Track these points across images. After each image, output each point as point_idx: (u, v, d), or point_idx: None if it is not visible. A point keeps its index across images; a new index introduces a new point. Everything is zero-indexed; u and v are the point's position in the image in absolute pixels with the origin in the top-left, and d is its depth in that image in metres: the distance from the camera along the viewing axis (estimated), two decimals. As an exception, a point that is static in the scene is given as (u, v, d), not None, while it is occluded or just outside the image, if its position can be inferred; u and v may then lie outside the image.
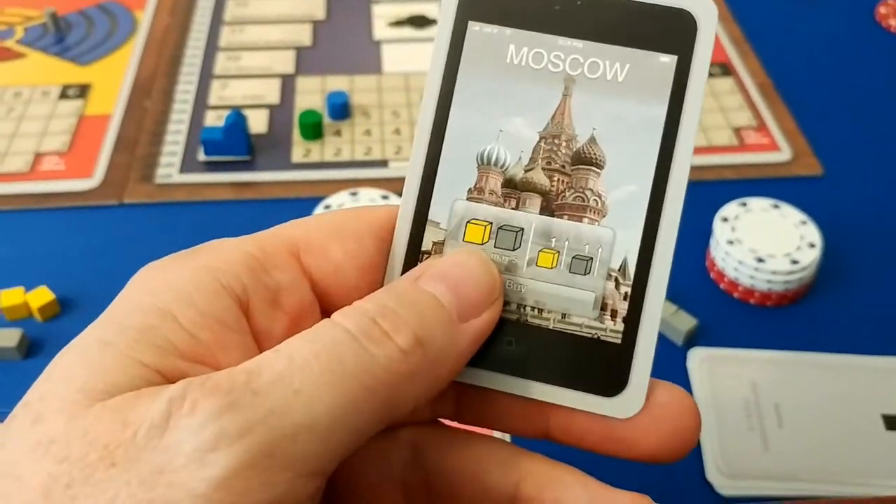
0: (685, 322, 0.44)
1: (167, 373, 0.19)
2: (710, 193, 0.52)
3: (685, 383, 0.42)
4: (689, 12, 0.21)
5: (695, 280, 0.48)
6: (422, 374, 0.19)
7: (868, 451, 0.39)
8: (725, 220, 0.48)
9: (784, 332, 0.45)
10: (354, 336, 0.19)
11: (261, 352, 0.20)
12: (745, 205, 0.49)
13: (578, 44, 0.21)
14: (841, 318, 0.46)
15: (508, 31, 0.22)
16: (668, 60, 0.21)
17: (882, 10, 0.69)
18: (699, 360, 0.43)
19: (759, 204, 0.49)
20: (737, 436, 0.40)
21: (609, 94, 0.21)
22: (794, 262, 0.46)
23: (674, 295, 0.46)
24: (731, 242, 0.47)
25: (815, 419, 0.41)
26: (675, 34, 0.21)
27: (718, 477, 0.38)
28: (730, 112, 0.58)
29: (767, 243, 0.47)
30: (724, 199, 0.50)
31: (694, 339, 0.44)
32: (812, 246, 0.47)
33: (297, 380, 0.18)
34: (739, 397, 0.41)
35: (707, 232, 0.48)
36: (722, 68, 0.62)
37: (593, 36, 0.21)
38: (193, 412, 0.17)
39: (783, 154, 0.55)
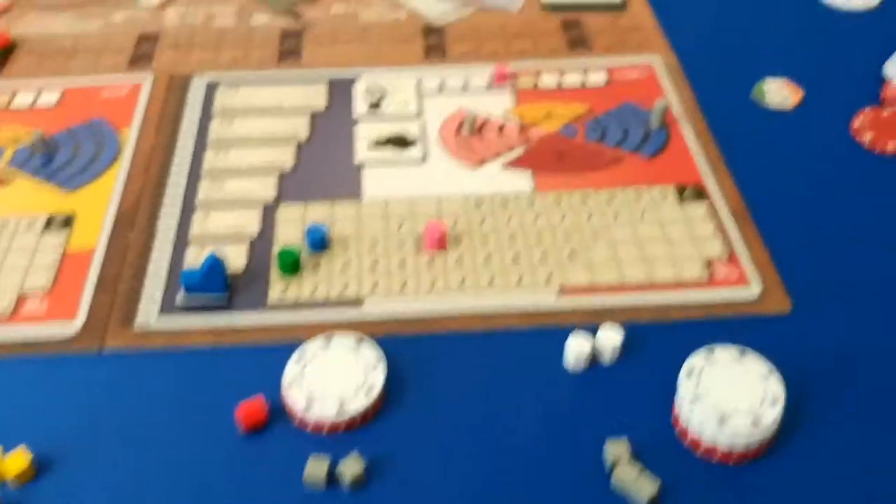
0: (647, 488, 0.45)
1: None
2: (677, 337, 0.53)
3: (645, 555, 0.43)
4: None
5: (661, 435, 0.48)
6: None
7: None
8: (690, 374, 0.49)
9: (746, 491, 0.46)
10: None
11: None
12: (711, 352, 0.50)
13: None
14: (802, 473, 0.47)
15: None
16: None
17: (857, 123, 0.70)
18: (660, 528, 0.44)
19: (724, 354, 0.50)
20: None
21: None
22: (756, 421, 0.46)
23: (640, 450, 0.47)
24: (695, 399, 0.48)
25: None
26: None
27: None
28: (702, 241, 0.59)
29: (731, 397, 0.48)
30: (692, 343, 0.51)
31: (658, 502, 0.45)
32: (775, 402, 0.47)
33: None
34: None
35: (674, 383, 0.49)
36: (696, 192, 0.63)
37: None
38: None
39: (753, 289, 0.56)
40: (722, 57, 0.77)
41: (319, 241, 0.58)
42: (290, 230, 0.60)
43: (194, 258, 0.58)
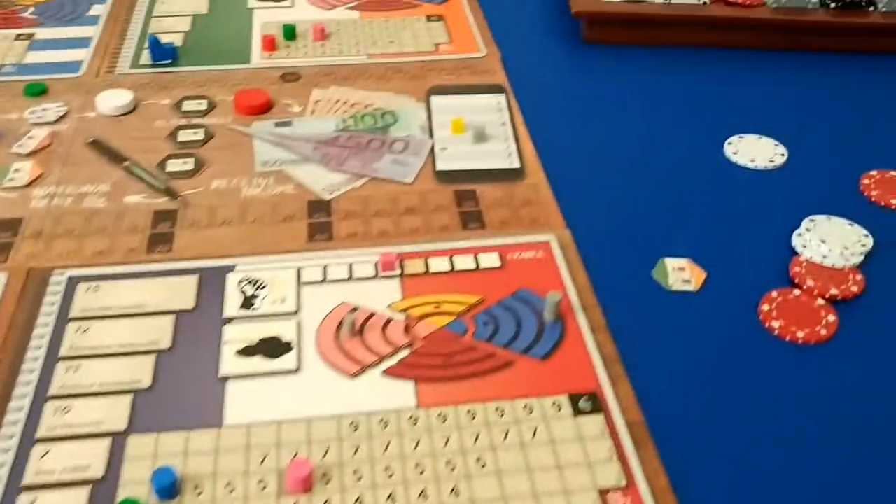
0: None
1: None
2: None
3: None
4: None
5: None
6: None
7: None
8: None
9: None
10: None
11: None
12: None
13: None
14: None
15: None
16: None
17: (764, 307, 0.66)
18: None
19: None
20: None
21: None
22: None
23: None
24: None
25: None
26: None
27: None
28: (597, 466, 0.54)
29: None
30: None
31: None
32: None
33: None
34: None
35: None
36: (591, 401, 0.58)
37: None
38: None
39: (651, 528, 0.51)
40: (621, 233, 0.73)
41: (168, 489, 0.51)
42: (138, 470, 0.54)
43: (26, 511, 0.51)
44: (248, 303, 0.65)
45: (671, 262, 0.70)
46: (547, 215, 0.74)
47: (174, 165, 0.79)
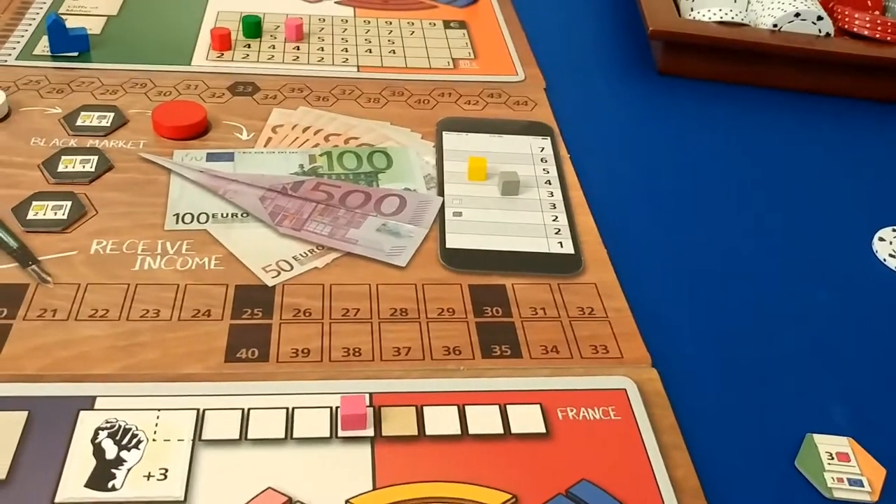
0: None
1: None
2: None
3: None
4: None
5: None
6: None
7: None
8: None
9: None
10: None
11: None
12: None
13: None
14: None
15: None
16: None
17: None
18: None
19: None
20: None
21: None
22: None
23: None
24: None
25: None
26: None
27: None
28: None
29: None
30: None
31: None
32: None
33: None
34: None
35: None
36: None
37: None
38: None
39: None
40: (738, 375, 0.45)
41: None
42: None
43: None
44: (103, 473, 0.37)
45: (824, 443, 0.42)
46: (620, 341, 0.46)
47: (41, 210, 0.51)
